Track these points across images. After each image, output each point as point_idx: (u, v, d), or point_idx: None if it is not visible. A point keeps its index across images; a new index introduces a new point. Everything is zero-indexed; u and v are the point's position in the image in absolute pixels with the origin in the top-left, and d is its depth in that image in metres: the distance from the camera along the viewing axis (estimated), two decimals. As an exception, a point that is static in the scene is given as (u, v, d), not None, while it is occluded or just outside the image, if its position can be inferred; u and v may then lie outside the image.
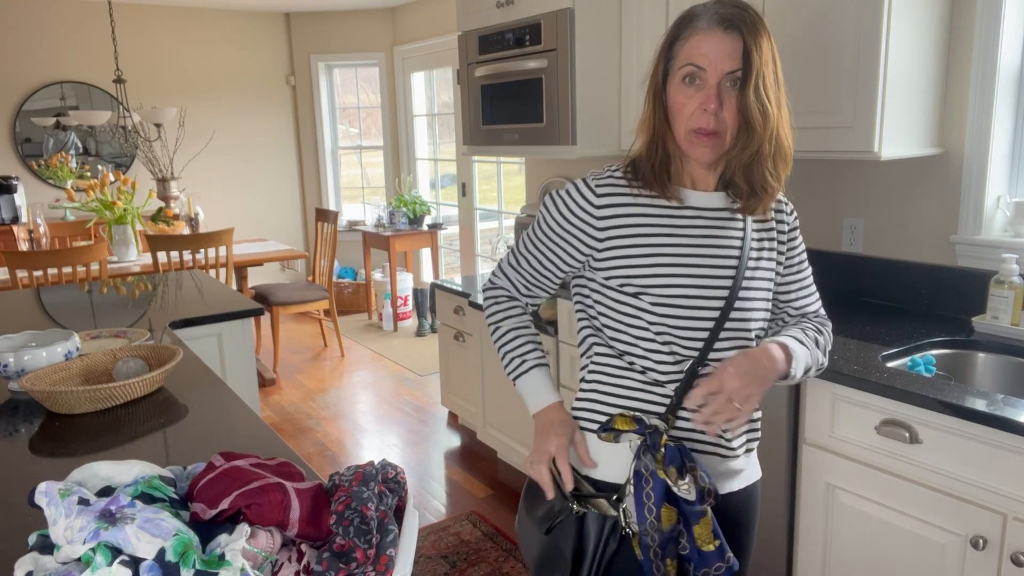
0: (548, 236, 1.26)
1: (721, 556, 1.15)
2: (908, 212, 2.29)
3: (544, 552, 1.22)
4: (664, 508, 1.13)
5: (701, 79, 1.12)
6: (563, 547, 1.18)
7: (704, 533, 1.15)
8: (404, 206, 5.85)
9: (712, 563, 1.15)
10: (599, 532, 1.16)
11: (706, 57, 1.11)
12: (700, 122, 1.13)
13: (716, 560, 1.15)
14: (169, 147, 5.76)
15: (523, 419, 2.96)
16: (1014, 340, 1.91)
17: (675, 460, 1.14)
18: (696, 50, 1.12)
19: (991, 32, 2.02)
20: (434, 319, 5.52)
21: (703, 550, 1.15)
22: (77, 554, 0.76)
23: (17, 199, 5.22)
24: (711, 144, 1.15)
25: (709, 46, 1.11)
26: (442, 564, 2.57)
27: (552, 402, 1.27)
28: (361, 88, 6.68)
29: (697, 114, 1.13)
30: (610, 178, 1.23)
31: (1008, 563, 1.50)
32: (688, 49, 1.13)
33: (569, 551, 1.18)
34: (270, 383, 4.60)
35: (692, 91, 1.13)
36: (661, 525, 1.13)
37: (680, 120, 1.16)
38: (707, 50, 1.11)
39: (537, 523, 1.23)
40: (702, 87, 1.12)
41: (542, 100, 2.82)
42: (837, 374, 1.74)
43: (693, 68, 1.12)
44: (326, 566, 0.83)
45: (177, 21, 5.94)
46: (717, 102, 1.11)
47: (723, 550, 1.16)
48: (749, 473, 1.32)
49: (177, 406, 1.60)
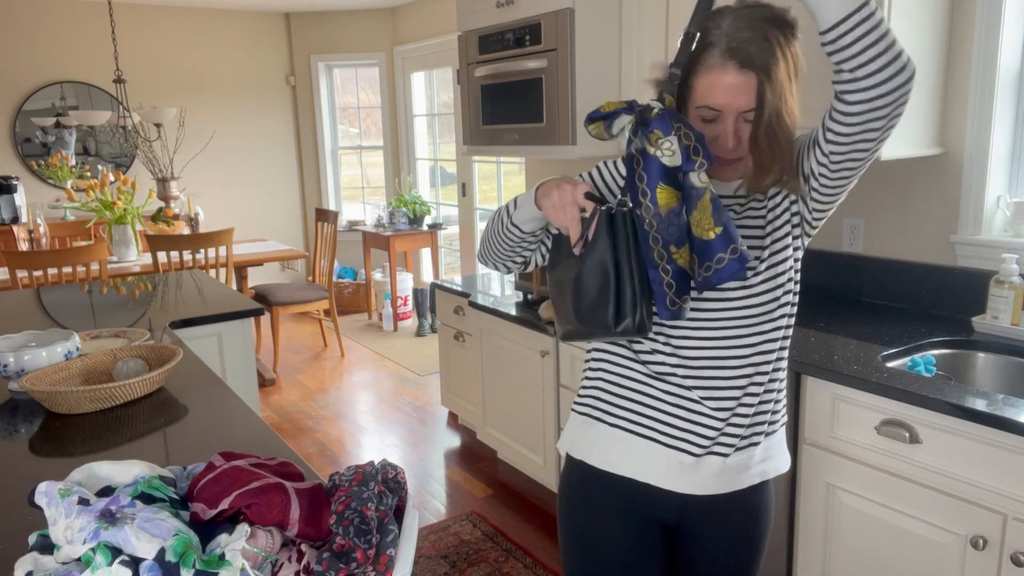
0: None
1: (724, 246, 1.07)
2: (908, 212, 2.29)
3: (583, 274, 1.13)
4: (660, 189, 1.07)
5: (718, 118, 1.14)
6: (604, 258, 1.10)
7: (703, 219, 1.07)
8: (404, 206, 5.85)
9: (714, 254, 1.08)
10: (625, 230, 1.10)
11: (721, 99, 1.11)
12: (718, 151, 1.16)
13: (718, 250, 1.07)
14: (169, 147, 5.77)
15: (523, 419, 2.96)
16: (1014, 340, 1.91)
17: (661, 125, 1.07)
18: (711, 92, 1.12)
19: (991, 32, 2.03)
20: (434, 319, 5.52)
21: (703, 239, 1.08)
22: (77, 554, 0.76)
23: (17, 199, 5.22)
24: (732, 167, 1.18)
25: (724, 88, 1.10)
26: (442, 564, 2.57)
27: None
28: (361, 88, 6.68)
29: (715, 143, 1.15)
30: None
31: (1008, 563, 1.50)
32: (702, 90, 1.13)
33: (609, 261, 1.10)
34: (270, 383, 4.60)
35: (709, 124, 1.15)
36: (659, 208, 1.07)
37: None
38: (721, 91, 1.11)
39: (571, 257, 1.16)
40: (719, 123, 1.14)
41: (542, 100, 2.82)
42: (837, 374, 1.74)
43: (709, 111, 1.14)
44: (326, 566, 0.83)
45: (177, 21, 5.94)
46: (735, 140, 1.14)
47: (728, 238, 1.07)
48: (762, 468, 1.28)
49: (177, 406, 1.60)
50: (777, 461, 1.31)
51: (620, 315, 1.09)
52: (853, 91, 1.04)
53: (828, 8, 1.01)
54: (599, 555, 1.29)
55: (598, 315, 1.11)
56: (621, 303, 1.09)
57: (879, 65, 1.01)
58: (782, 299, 1.21)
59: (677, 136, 1.06)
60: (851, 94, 1.04)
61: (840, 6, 1.00)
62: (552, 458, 2.83)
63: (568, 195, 1.11)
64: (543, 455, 2.88)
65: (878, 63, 1.01)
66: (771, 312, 1.20)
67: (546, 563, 2.56)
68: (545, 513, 2.92)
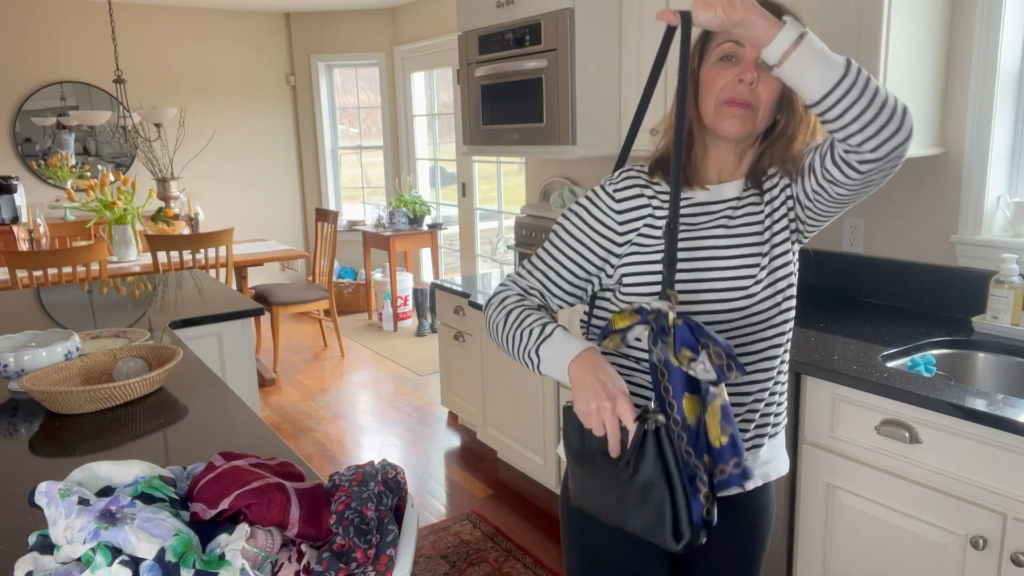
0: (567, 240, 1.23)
1: (730, 456, 1.03)
2: (908, 212, 2.29)
3: (632, 494, 1.07)
4: (685, 399, 1.03)
5: (738, 56, 1.12)
6: (654, 477, 1.04)
7: (712, 424, 1.03)
8: (404, 206, 5.85)
9: (728, 459, 1.03)
10: (668, 446, 1.03)
11: None
12: (734, 92, 1.12)
13: (731, 455, 1.03)
14: (169, 147, 5.76)
15: (523, 419, 2.96)
16: (1014, 340, 1.91)
17: (687, 340, 1.01)
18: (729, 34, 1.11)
19: (991, 32, 2.02)
20: (434, 319, 5.51)
21: (713, 446, 1.03)
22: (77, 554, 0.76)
23: (17, 199, 5.22)
24: (743, 115, 1.13)
25: None
26: (442, 564, 2.57)
27: (590, 346, 1.11)
28: (361, 88, 6.68)
29: (731, 85, 1.12)
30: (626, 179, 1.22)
31: (1008, 563, 1.50)
32: (720, 35, 1.13)
33: (661, 476, 1.04)
34: (270, 383, 4.60)
35: (728, 66, 1.13)
36: (686, 419, 1.03)
37: (710, 94, 1.14)
38: None
39: (607, 460, 1.08)
40: (738, 63, 1.12)
41: (542, 100, 2.82)
42: (837, 374, 1.74)
43: (732, 45, 1.12)
44: (326, 566, 0.83)
45: (177, 21, 5.94)
46: (754, 73, 1.11)
47: (734, 448, 1.03)
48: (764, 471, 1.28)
49: (177, 406, 1.60)
50: (779, 463, 1.31)
51: (679, 534, 1.04)
52: (850, 153, 1.05)
53: (809, 84, 1.01)
54: (602, 557, 1.29)
55: (656, 535, 1.06)
56: (679, 522, 1.04)
57: (874, 129, 1.01)
58: (783, 304, 1.20)
59: (707, 354, 1.00)
60: (849, 155, 1.05)
61: (821, 81, 1.00)
62: (552, 458, 2.83)
63: (609, 413, 1.03)
64: (543, 455, 2.88)
65: (873, 127, 1.01)
66: (773, 319, 1.20)
67: (546, 563, 2.56)
68: (545, 513, 2.92)
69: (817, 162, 1.12)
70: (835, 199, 1.14)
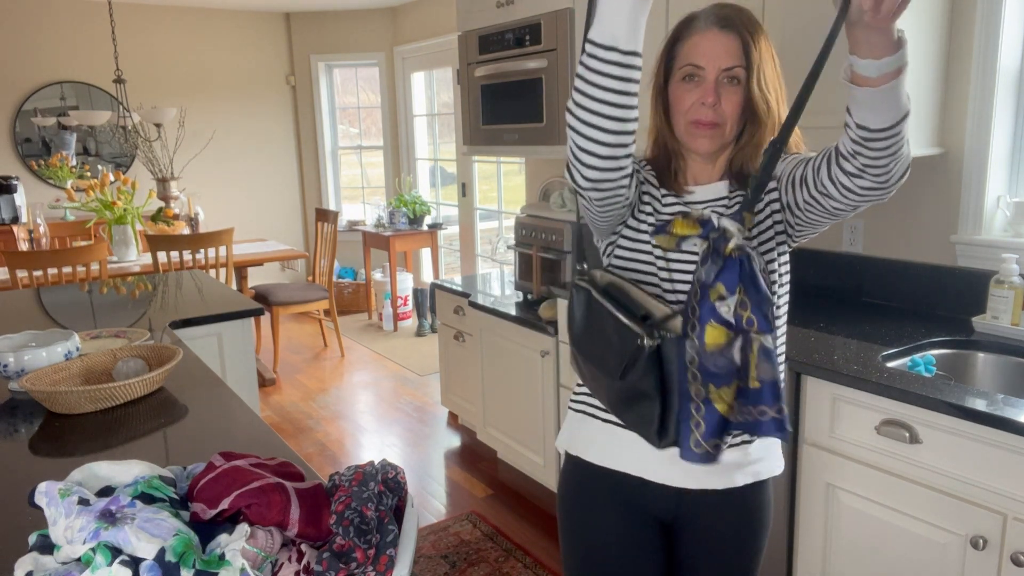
0: None
1: (775, 396, 0.97)
2: (908, 212, 2.29)
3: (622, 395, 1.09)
4: (710, 327, 0.97)
5: (700, 76, 1.17)
6: (644, 386, 1.05)
7: (752, 364, 0.98)
8: (404, 206, 5.85)
9: (769, 402, 0.97)
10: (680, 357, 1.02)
11: (704, 56, 1.16)
12: (699, 114, 1.18)
13: (772, 399, 0.97)
14: (169, 147, 5.76)
15: (523, 419, 2.96)
16: (1014, 340, 1.91)
17: (729, 279, 0.96)
18: (694, 49, 1.17)
19: (991, 32, 2.02)
20: (434, 319, 5.52)
21: (749, 387, 0.98)
22: (77, 554, 0.76)
23: (17, 199, 5.22)
24: (710, 134, 1.18)
25: (707, 45, 1.16)
26: (442, 564, 2.57)
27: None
28: (361, 88, 6.68)
29: (695, 107, 1.18)
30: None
31: (1008, 563, 1.50)
32: (687, 49, 1.18)
33: (653, 387, 1.04)
34: (270, 383, 4.60)
35: (691, 87, 1.18)
36: (704, 345, 0.98)
37: (679, 113, 1.20)
38: (705, 49, 1.16)
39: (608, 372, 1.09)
40: (700, 83, 1.17)
41: (542, 100, 2.82)
42: (837, 374, 1.74)
43: (692, 67, 1.17)
44: (326, 566, 0.83)
45: (177, 21, 5.95)
46: (715, 96, 1.16)
47: (776, 392, 0.97)
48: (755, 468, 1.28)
49: (177, 406, 1.60)
50: (771, 463, 1.31)
51: (664, 434, 1.06)
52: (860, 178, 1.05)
53: (881, 112, 0.98)
54: (596, 550, 1.30)
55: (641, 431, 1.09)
56: (665, 424, 1.06)
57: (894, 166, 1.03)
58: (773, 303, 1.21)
59: (739, 298, 0.96)
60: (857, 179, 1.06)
61: (891, 113, 0.98)
62: (552, 458, 2.83)
63: None
64: (543, 455, 2.88)
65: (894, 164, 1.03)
66: None
67: (546, 563, 2.56)
68: (545, 513, 2.92)
69: (811, 175, 1.13)
70: (829, 211, 1.15)
